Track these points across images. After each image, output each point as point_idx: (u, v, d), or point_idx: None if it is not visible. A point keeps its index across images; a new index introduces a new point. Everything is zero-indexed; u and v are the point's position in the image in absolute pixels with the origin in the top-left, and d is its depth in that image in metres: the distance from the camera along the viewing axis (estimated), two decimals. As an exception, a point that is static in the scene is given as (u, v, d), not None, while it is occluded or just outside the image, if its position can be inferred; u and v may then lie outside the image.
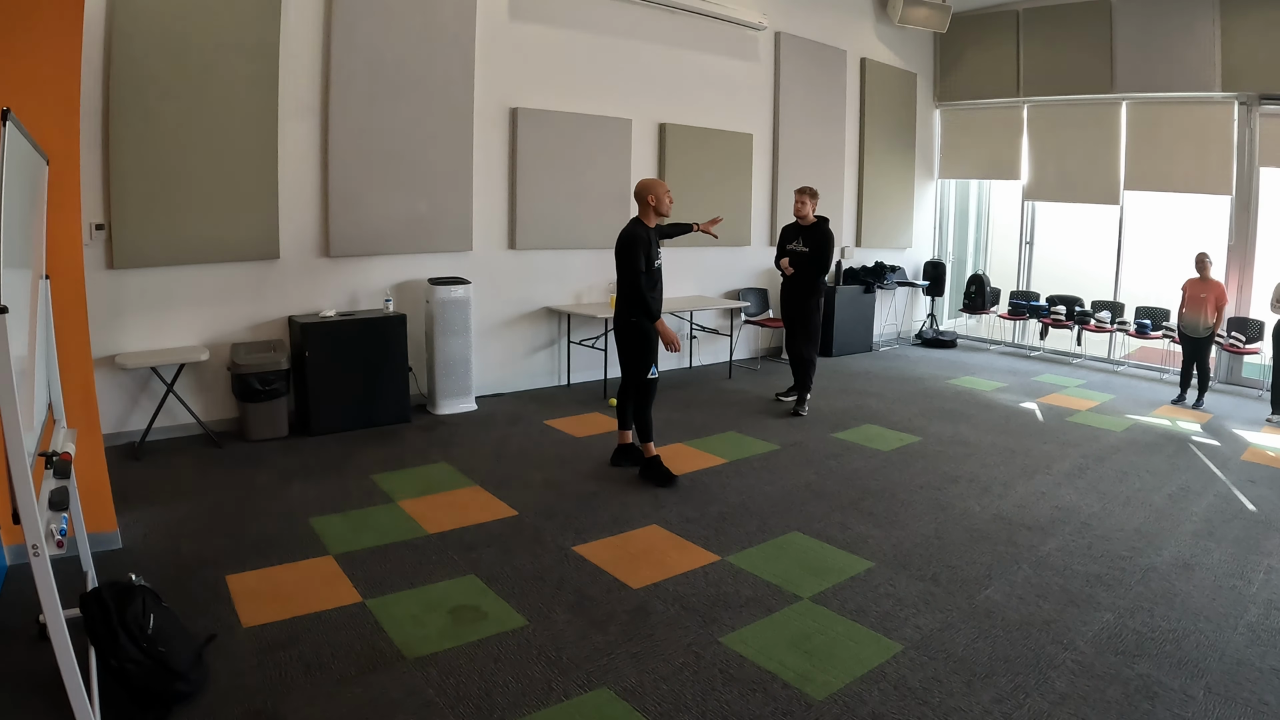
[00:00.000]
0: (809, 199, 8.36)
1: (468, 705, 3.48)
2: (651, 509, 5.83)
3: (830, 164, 11.95)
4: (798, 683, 3.73)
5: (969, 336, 13.92)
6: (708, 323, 10.76)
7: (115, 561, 4.63)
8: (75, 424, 4.44)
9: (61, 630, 2.70)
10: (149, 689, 3.28)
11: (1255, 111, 10.34)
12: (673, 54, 9.90)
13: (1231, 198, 10.66)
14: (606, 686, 3.66)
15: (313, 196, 7.47)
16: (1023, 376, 10.99)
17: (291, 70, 7.19)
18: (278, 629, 4.05)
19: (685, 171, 10.06)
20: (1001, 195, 14.30)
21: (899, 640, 4.15)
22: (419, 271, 8.16)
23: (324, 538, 5.14)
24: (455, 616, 4.26)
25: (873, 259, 12.73)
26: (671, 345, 6.21)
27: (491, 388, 8.82)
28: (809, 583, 4.76)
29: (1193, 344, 9.58)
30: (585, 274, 9.37)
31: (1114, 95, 11.45)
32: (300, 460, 6.62)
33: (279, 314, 7.42)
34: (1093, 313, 11.87)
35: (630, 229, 6.14)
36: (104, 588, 3.45)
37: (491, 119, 8.50)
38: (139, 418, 6.78)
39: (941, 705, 3.58)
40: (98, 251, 6.41)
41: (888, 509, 5.98)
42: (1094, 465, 7.14)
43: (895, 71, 12.84)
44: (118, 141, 6.39)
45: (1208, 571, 5.07)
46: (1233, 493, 6.57)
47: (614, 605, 4.45)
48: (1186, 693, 3.72)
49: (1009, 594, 4.69)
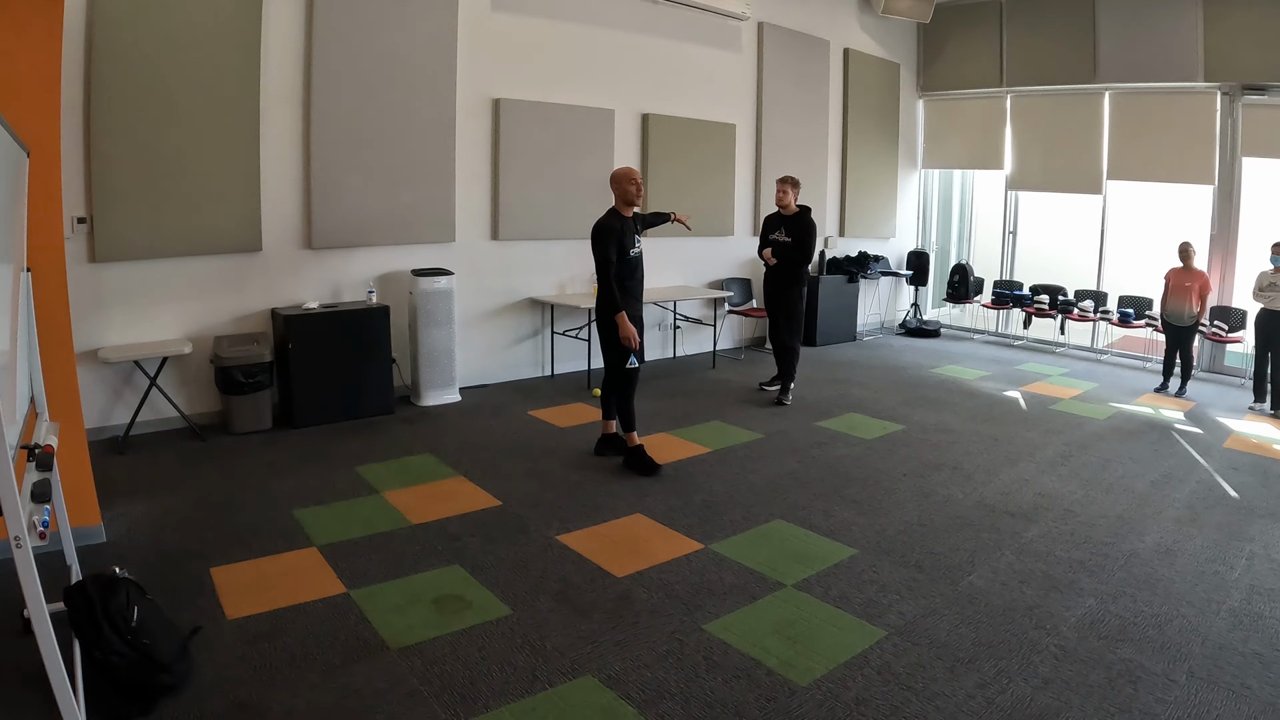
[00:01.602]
0: (791, 189, 8.37)
1: (452, 695, 3.49)
2: (635, 498, 5.84)
3: (814, 154, 11.96)
4: (781, 669, 3.75)
5: (952, 326, 13.97)
6: (691, 313, 10.76)
7: (99, 555, 4.61)
8: (58, 418, 4.42)
9: (45, 624, 2.69)
10: (134, 681, 3.28)
11: (1238, 102, 10.38)
12: (656, 44, 9.89)
13: (1214, 187, 10.72)
14: (591, 675, 3.67)
15: (295, 188, 7.44)
16: (1006, 365, 11.03)
17: (273, 62, 7.15)
18: (262, 620, 4.05)
19: (668, 162, 10.07)
20: (985, 185, 14.33)
21: (882, 626, 4.17)
22: (402, 263, 8.14)
23: (308, 529, 5.14)
24: (439, 606, 4.26)
25: (856, 249, 12.73)
26: (628, 342, 6.19)
27: (475, 379, 8.81)
28: (793, 570, 4.77)
29: (1176, 332, 9.64)
30: (568, 264, 9.36)
31: (1097, 85, 11.48)
32: (284, 452, 6.60)
33: (262, 306, 7.39)
34: (1076, 302, 11.90)
35: (603, 220, 6.15)
36: (88, 581, 3.44)
37: (474, 110, 8.47)
38: (122, 411, 6.75)
39: (925, 690, 3.60)
40: (79, 245, 6.36)
41: (871, 496, 6.00)
42: (1077, 453, 7.17)
43: (879, 62, 12.85)
44: (99, 134, 6.34)
45: (1190, 557, 5.10)
46: (1215, 480, 6.62)
47: (598, 594, 4.46)
48: (1169, 677, 3.75)
49: (992, 580, 4.71)
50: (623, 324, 6.14)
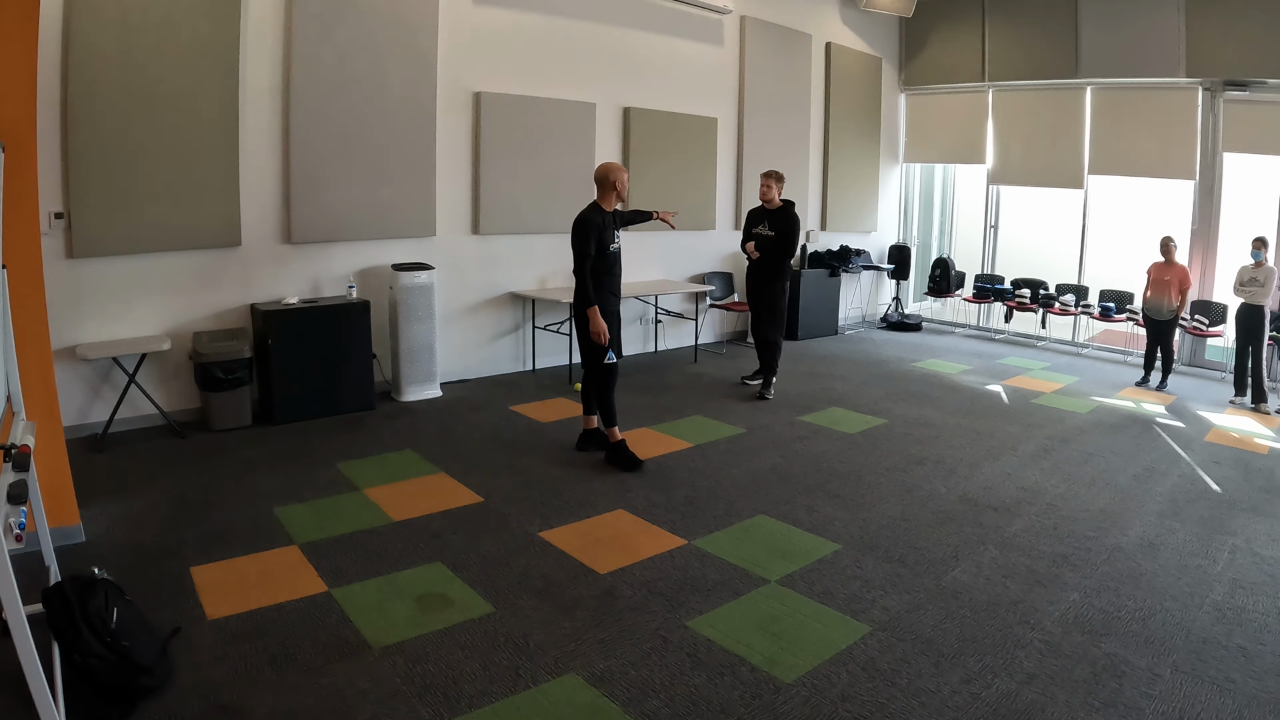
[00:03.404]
0: (775, 183, 8.36)
1: (435, 694, 3.46)
2: (617, 494, 5.82)
3: (795, 148, 11.95)
4: (766, 666, 3.74)
5: (934, 320, 14.00)
6: (672, 307, 10.75)
7: (78, 555, 4.57)
8: (35, 416, 4.37)
9: (23, 626, 2.66)
10: (113, 684, 3.24)
11: (1219, 97, 10.44)
12: (638, 38, 9.87)
13: (1195, 182, 10.79)
14: (574, 672, 3.65)
15: (274, 183, 7.38)
16: (988, 359, 11.06)
17: (252, 55, 7.09)
18: (243, 620, 4.01)
19: (650, 155, 10.06)
20: (966, 179, 14.34)
21: (867, 622, 4.16)
22: (382, 257, 8.09)
23: (289, 527, 5.10)
24: (421, 604, 4.23)
25: (838, 243, 12.76)
26: (597, 337, 6.17)
27: (456, 374, 8.78)
28: (776, 566, 4.77)
29: (1156, 326, 9.68)
30: (549, 259, 9.32)
31: (1078, 80, 11.52)
32: (264, 449, 6.55)
33: (241, 302, 7.34)
34: (1057, 296, 11.96)
35: (584, 213, 6.13)
36: (66, 582, 3.40)
37: (454, 103, 8.43)
38: (101, 409, 6.69)
39: (910, 686, 3.60)
40: (56, 241, 6.30)
41: (854, 491, 6.00)
42: (1059, 447, 7.19)
43: (861, 56, 12.86)
44: (76, 129, 6.27)
45: (1173, 551, 5.12)
46: (1197, 473, 6.65)
47: (581, 591, 4.44)
48: (1153, 671, 3.76)
49: (976, 575, 4.72)
50: (594, 318, 6.12)
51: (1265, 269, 8.82)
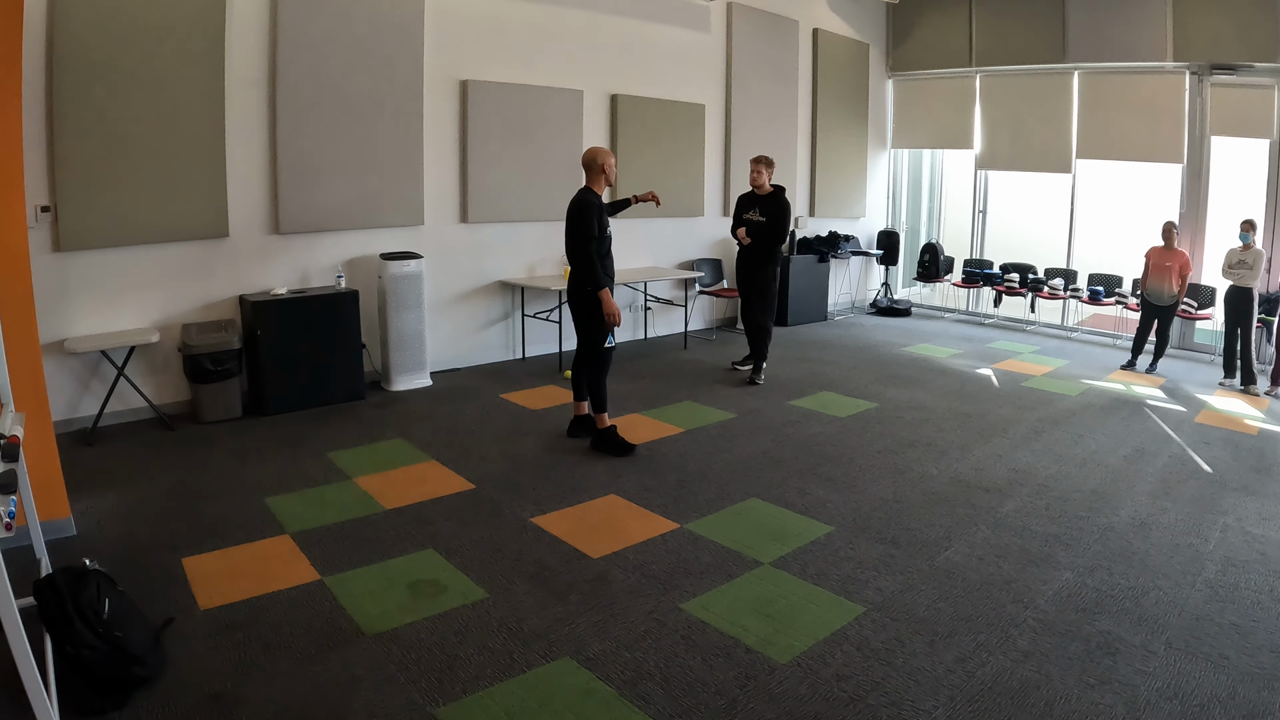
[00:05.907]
0: (765, 168, 8.33)
1: (430, 679, 3.46)
2: (609, 479, 5.82)
3: (783, 134, 11.95)
4: (760, 647, 3.74)
5: (923, 305, 14.02)
6: (662, 293, 10.75)
7: (69, 548, 4.55)
8: (24, 410, 4.34)
9: (15, 618, 2.65)
10: (106, 675, 3.23)
11: (1206, 81, 10.45)
12: (625, 25, 9.84)
13: (1183, 166, 10.81)
14: (569, 656, 3.65)
15: (261, 173, 7.34)
16: (977, 343, 11.08)
17: (238, 45, 7.04)
18: (236, 610, 4.00)
19: (638, 142, 10.04)
20: (954, 164, 14.36)
21: (861, 603, 4.17)
22: (370, 247, 8.07)
23: (280, 517, 5.08)
24: (415, 591, 4.23)
25: (826, 229, 12.75)
26: (611, 318, 6.15)
27: (446, 363, 8.76)
28: (769, 548, 4.77)
29: (1155, 311, 9.66)
30: (538, 247, 9.31)
31: (1066, 65, 11.53)
32: (255, 440, 6.53)
33: (230, 293, 7.30)
34: (1046, 280, 11.99)
35: (582, 195, 6.09)
36: (58, 574, 3.38)
37: (441, 92, 8.39)
38: (90, 402, 6.66)
39: (905, 665, 3.61)
40: (43, 234, 6.25)
41: (846, 474, 6.01)
42: (1050, 428, 7.21)
43: (848, 42, 12.84)
44: (62, 121, 6.22)
45: (1165, 530, 5.14)
46: (1188, 454, 6.67)
47: (574, 575, 4.44)
48: (1147, 648, 3.77)
49: (969, 555, 4.73)
50: (606, 300, 6.08)
51: (1253, 251, 8.84)
